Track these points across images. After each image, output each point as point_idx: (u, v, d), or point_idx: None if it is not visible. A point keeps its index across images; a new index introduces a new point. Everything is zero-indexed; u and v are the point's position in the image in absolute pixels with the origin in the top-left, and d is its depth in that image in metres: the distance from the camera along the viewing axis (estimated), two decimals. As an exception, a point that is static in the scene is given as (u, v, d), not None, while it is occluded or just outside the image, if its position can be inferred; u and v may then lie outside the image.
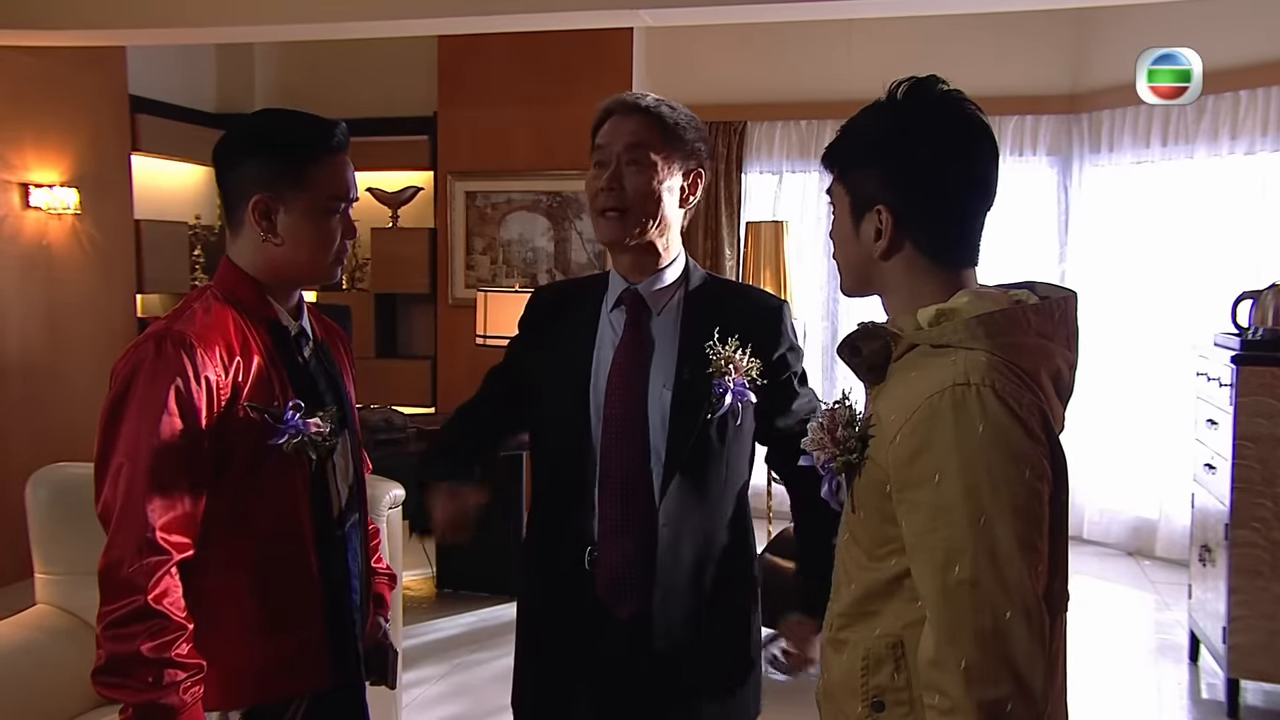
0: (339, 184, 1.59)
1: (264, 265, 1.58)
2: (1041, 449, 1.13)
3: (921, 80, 1.26)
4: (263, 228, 1.55)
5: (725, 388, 1.69)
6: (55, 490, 2.52)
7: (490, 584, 4.59)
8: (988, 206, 1.27)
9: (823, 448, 1.29)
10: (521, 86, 5.76)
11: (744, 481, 1.83)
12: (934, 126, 1.24)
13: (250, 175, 1.55)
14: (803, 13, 4.36)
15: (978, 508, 1.10)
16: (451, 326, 6.00)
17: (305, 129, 1.58)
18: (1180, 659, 3.99)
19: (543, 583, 1.83)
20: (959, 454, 1.11)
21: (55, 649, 2.40)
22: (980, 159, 1.25)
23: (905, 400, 1.18)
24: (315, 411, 1.58)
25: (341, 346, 1.79)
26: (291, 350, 1.62)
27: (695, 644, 1.75)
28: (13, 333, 4.76)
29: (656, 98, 1.78)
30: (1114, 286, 5.43)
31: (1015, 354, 1.17)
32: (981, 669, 1.08)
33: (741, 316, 1.75)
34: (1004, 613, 1.08)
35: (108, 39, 4.62)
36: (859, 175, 1.28)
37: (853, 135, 1.30)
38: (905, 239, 1.25)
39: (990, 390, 1.12)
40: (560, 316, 1.85)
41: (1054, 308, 1.23)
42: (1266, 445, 3.32)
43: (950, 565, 1.11)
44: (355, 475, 1.71)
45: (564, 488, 1.79)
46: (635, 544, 1.71)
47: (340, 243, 1.61)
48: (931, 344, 1.20)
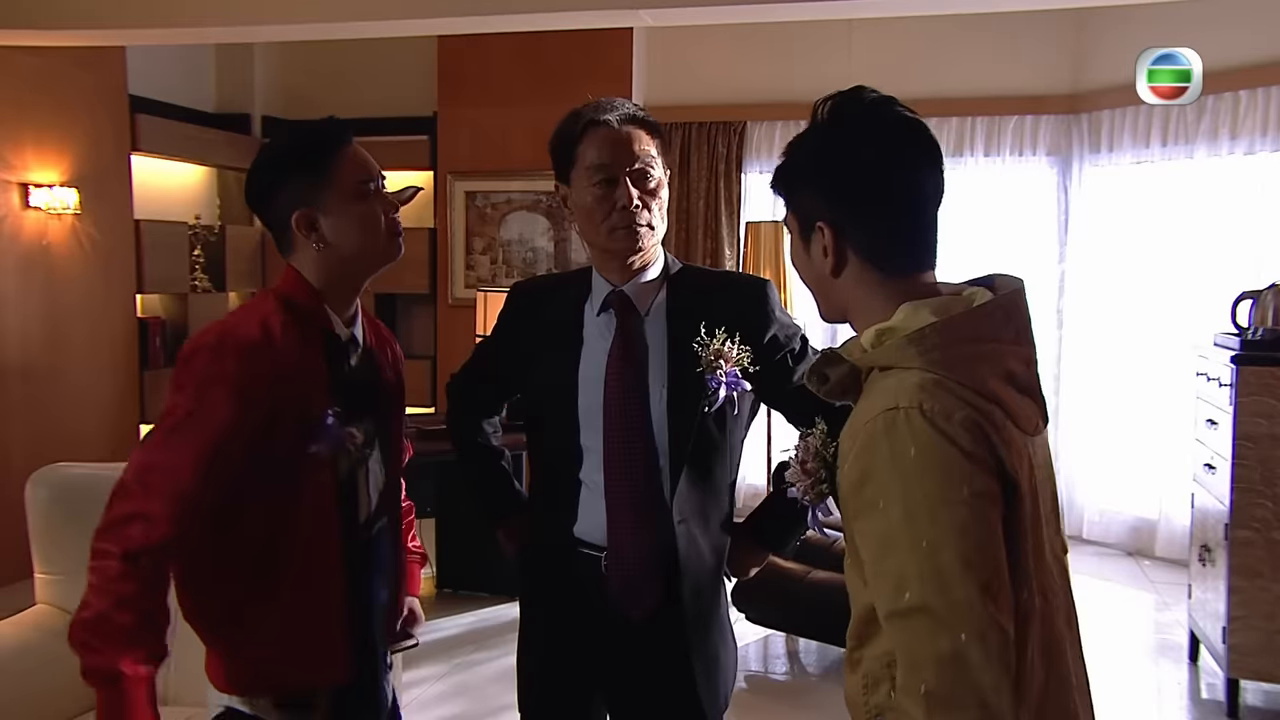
0: (361, 168, 1.66)
1: (326, 273, 1.66)
2: (981, 463, 1.10)
3: (846, 93, 1.26)
4: (313, 239, 1.63)
5: (719, 381, 1.70)
6: (55, 490, 2.53)
7: (490, 584, 4.59)
8: (933, 207, 1.25)
9: (798, 479, 1.30)
10: (521, 86, 5.76)
11: (739, 462, 1.88)
12: (859, 135, 1.23)
13: (283, 200, 1.64)
14: (803, 13, 4.36)
15: (918, 533, 1.08)
16: (451, 326, 6.01)
17: (311, 137, 1.66)
18: (1180, 659, 3.99)
19: (550, 586, 1.84)
20: (895, 480, 1.10)
21: (55, 649, 2.39)
22: (909, 160, 1.23)
23: (853, 427, 1.18)
24: (352, 419, 1.63)
25: (390, 350, 1.86)
26: (339, 358, 1.68)
27: (713, 626, 1.81)
28: (12, 333, 4.76)
29: (629, 102, 1.79)
30: (1114, 287, 5.44)
31: (951, 367, 1.14)
32: (942, 695, 1.05)
33: (726, 304, 1.77)
34: (958, 635, 1.05)
35: (107, 39, 4.62)
36: (799, 196, 1.28)
37: (790, 159, 1.30)
38: (848, 251, 1.23)
39: (917, 412, 1.10)
40: (542, 315, 1.86)
41: (1000, 306, 1.21)
42: (1266, 445, 3.32)
43: (900, 592, 1.09)
44: (388, 480, 1.77)
45: (561, 490, 1.80)
46: (649, 544, 1.73)
47: (387, 219, 1.67)
48: (878, 366, 1.19)
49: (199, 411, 1.52)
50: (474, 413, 2.07)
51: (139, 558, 1.46)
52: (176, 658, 2.44)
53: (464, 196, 6.05)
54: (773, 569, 3.78)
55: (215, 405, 1.51)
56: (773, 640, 4.13)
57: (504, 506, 2.03)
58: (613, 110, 1.74)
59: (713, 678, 1.81)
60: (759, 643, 4.11)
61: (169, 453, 1.51)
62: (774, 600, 3.78)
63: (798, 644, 4.08)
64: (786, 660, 4.02)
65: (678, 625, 1.75)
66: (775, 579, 3.69)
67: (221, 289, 6.04)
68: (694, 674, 1.77)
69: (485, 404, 2.09)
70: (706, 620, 1.80)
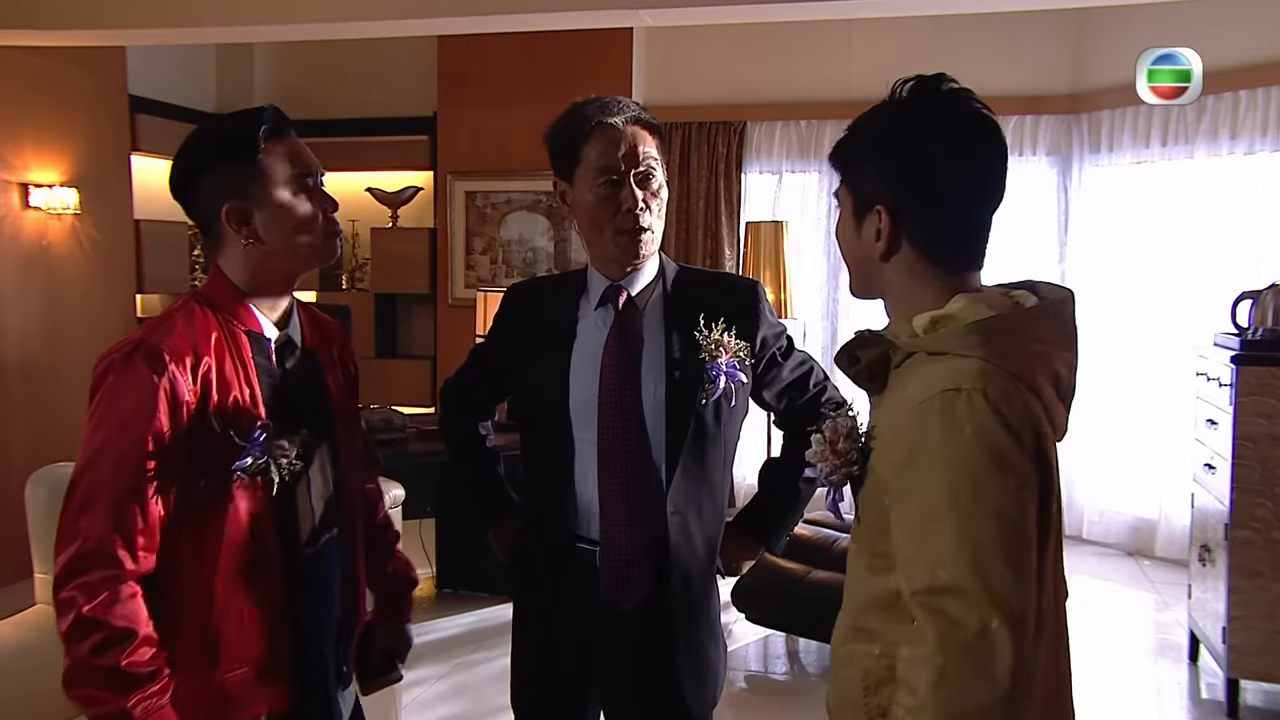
0: (298, 161, 1.56)
1: (255, 270, 1.55)
2: (1029, 461, 1.11)
3: (927, 78, 1.24)
4: (244, 234, 1.53)
5: (719, 370, 1.72)
6: (55, 490, 2.51)
7: (490, 584, 4.58)
8: (993, 208, 1.25)
9: (824, 460, 1.28)
10: (521, 86, 5.76)
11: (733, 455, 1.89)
12: (933, 124, 1.22)
13: (211, 190, 1.53)
14: (803, 13, 4.36)
15: (961, 514, 1.08)
16: (451, 326, 6.00)
17: (242, 126, 1.54)
18: (1180, 659, 3.99)
19: (543, 579, 1.84)
20: (944, 460, 1.10)
21: (55, 649, 2.39)
22: (980, 158, 1.22)
23: (900, 409, 1.18)
24: (287, 429, 1.52)
25: (336, 348, 1.74)
26: (270, 362, 1.57)
27: (700, 620, 1.81)
28: (12, 333, 4.76)
29: (632, 101, 1.79)
30: (1114, 286, 5.43)
31: (1012, 360, 1.15)
32: (957, 674, 1.06)
33: (720, 303, 1.78)
34: (990, 620, 1.06)
35: (107, 39, 4.62)
36: (860, 175, 1.26)
37: (856, 134, 1.28)
38: (903, 239, 1.23)
39: (981, 395, 1.11)
40: (536, 314, 1.87)
41: (1051, 310, 1.22)
42: (1266, 445, 3.32)
43: (936, 570, 1.09)
44: (336, 489, 1.65)
45: (554, 485, 1.81)
46: (642, 536, 1.74)
47: (324, 216, 1.57)
48: (928, 351, 1.19)
49: (116, 430, 1.42)
50: (468, 415, 2.08)
51: (96, 601, 1.38)
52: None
53: (464, 196, 6.05)
54: (773, 569, 3.78)
55: (132, 421, 1.41)
56: (773, 640, 4.12)
57: (496, 508, 2.04)
58: (619, 111, 1.74)
59: (700, 673, 1.81)
60: (759, 643, 4.10)
61: (94, 481, 1.41)
62: (774, 600, 3.78)
63: (798, 644, 4.08)
64: (786, 660, 4.02)
65: (669, 618, 1.77)
66: (775, 579, 3.69)
67: (221, 289, 6.02)
68: (680, 668, 1.78)
69: (479, 406, 2.10)
70: (695, 614, 1.80)
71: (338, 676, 1.69)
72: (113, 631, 1.39)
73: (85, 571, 1.39)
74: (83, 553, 1.39)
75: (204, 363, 1.47)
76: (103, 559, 1.39)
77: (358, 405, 1.82)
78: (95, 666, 1.39)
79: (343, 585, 1.68)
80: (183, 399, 1.44)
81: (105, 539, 1.39)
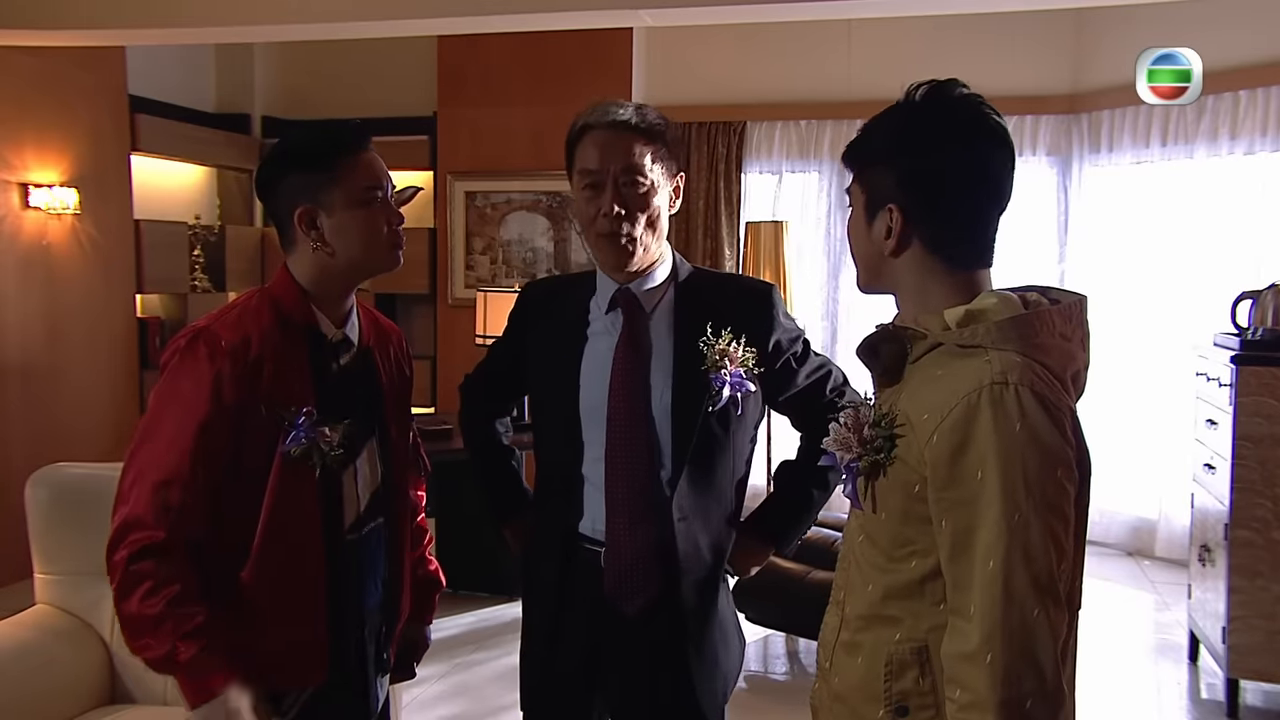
0: (370, 174, 1.65)
1: (319, 274, 1.66)
2: (1072, 450, 1.16)
3: (941, 82, 1.28)
4: (311, 237, 1.63)
5: (723, 381, 1.71)
6: (55, 490, 2.53)
7: (490, 584, 4.59)
8: (1000, 210, 1.28)
9: (847, 448, 1.29)
10: (521, 86, 5.76)
11: (746, 462, 1.88)
12: (946, 127, 1.25)
13: (289, 191, 1.64)
14: (803, 13, 4.36)
15: (1013, 506, 1.12)
16: (451, 326, 6.01)
17: (328, 134, 1.67)
18: (1180, 659, 3.99)
19: (551, 580, 1.84)
20: (997, 452, 1.13)
21: (55, 649, 2.40)
22: (991, 160, 1.26)
23: (938, 400, 1.19)
24: (333, 419, 1.62)
25: (394, 350, 1.85)
26: (325, 358, 1.68)
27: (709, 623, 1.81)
28: (12, 333, 4.76)
29: (636, 107, 1.76)
30: (1114, 287, 5.43)
31: (1044, 355, 1.19)
32: (1007, 665, 1.10)
33: (733, 307, 1.78)
34: (1032, 610, 1.10)
35: (107, 39, 4.62)
36: (873, 173, 1.30)
37: (870, 134, 1.32)
38: (914, 237, 1.26)
39: (1029, 390, 1.14)
40: (550, 314, 1.87)
41: (1072, 310, 1.25)
42: (1266, 445, 3.32)
43: (985, 562, 1.12)
44: (384, 482, 1.76)
45: (562, 485, 1.81)
46: (647, 539, 1.74)
47: (390, 229, 1.67)
48: (959, 344, 1.21)
49: (173, 410, 1.55)
50: (485, 412, 2.09)
51: (143, 560, 1.50)
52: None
53: (464, 196, 6.05)
54: (773, 569, 3.77)
55: (188, 403, 1.54)
56: (773, 640, 4.13)
57: (511, 506, 2.04)
58: (609, 114, 1.74)
59: (712, 677, 1.81)
60: (759, 643, 4.11)
61: (149, 454, 1.54)
62: (774, 600, 3.78)
63: (798, 644, 4.08)
64: (786, 660, 4.03)
65: (676, 622, 1.76)
66: (775, 579, 3.69)
67: (221, 289, 6.04)
68: (691, 672, 1.77)
69: (496, 403, 2.11)
70: (705, 618, 1.80)
71: (377, 663, 1.79)
72: (158, 581, 1.50)
73: (132, 532, 1.51)
74: (131, 518, 1.52)
75: (259, 352, 1.59)
76: (149, 524, 1.51)
77: (410, 407, 1.91)
78: (144, 615, 1.50)
79: (386, 575, 1.77)
80: (236, 384, 1.56)
81: (153, 507, 1.51)
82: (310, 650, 1.63)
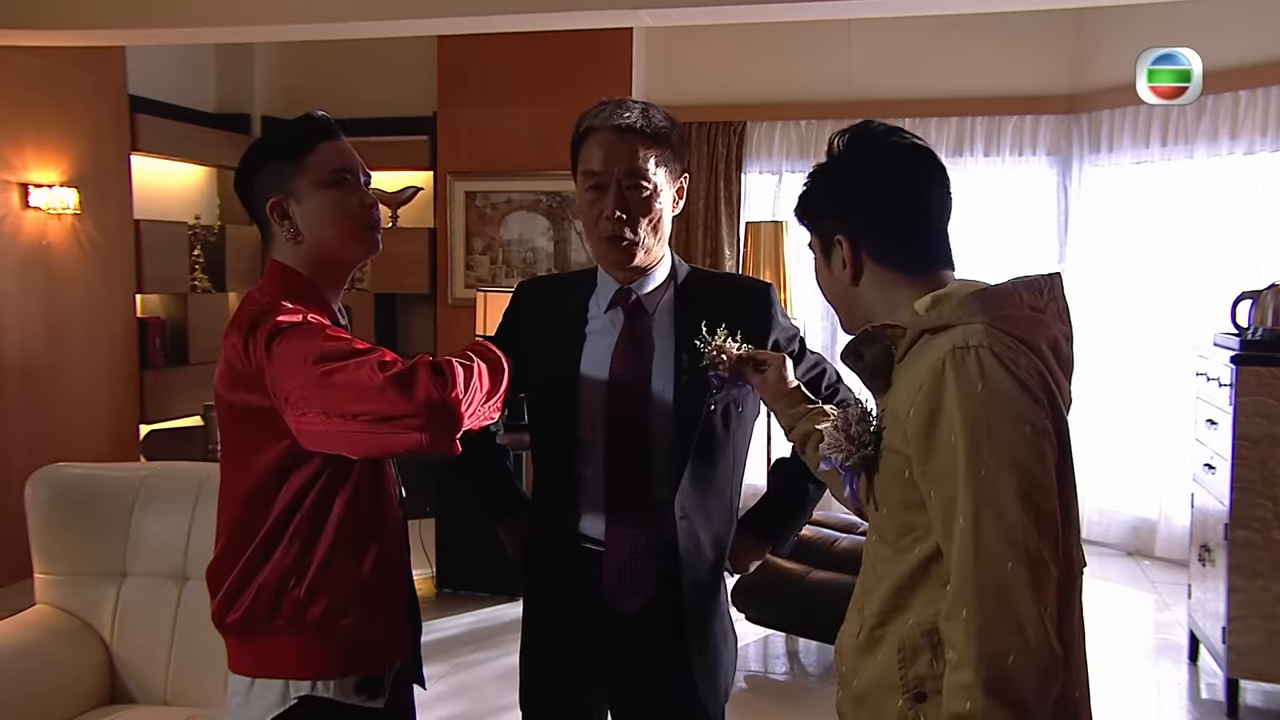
0: (337, 159, 1.65)
1: (302, 265, 1.65)
2: (1043, 410, 1.18)
3: (857, 125, 1.41)
4: (285, 227, 1.63)
5: (721, 378, 1.71)
6: (55, 490, 2.53)
7: (490, 584, 4.59)
8: (940, 217, 1.36)
9: (839, 449, 1.34)
10: (521, 86, 5.76)
11: (745, 461, 1.89)
12: (867, 159, 1.37)
13: (260, 184, 1.64)
14: (803, 13, 4.36)
15: (979, 463, 1.14)
16: (451, 326, 6.00)
17: (293, 126, 1.67)
18: (1180, 659, 3.99)
19: (551, 579, 1.84)
20: (961, 414, 1.16)
21: (55, 649, 2.40)
22: (912, 176, 1.35)
23: (913, 381, 1.23)
24: None
25: None
26: None
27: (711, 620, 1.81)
28: (12, 333, 4.76)
29: (640, 108, 1.75)
30: (1114, 287, 5.43)
31: (1012, 324, 1.23)
32: (984, 622, 1.11)
33: (732, 306, 1.78)
34: (1006, 564, 1.11)
35: (107, 39, 4.62)
36: (821, 220, 1.40)
37: (810, 188, 1.42)
38: (864, 257, 1.34)
39: (988, 351, 1.18)
40: (547, 312, 1.87)
41: (1036, 282, 1.29)
42: (1266, 445, 3.32)
43: (954, 520, 1.15)
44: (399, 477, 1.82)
45: (562, 485, 1.81)
46: (646, 538, 1.74)
47: (363, 211, 1.66)
48: (931, 329, 1.25)
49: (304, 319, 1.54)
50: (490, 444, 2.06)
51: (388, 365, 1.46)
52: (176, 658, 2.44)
53: (464, 196, 6.05)
54: (773, 569, 3.78)
55: None
56: (773, 640, 4.13)
57: (505, 505, 2.04)
58: (615, 115, 1.72)
59: (713, 674, 1.81)
60: (759, 643, 4.11)
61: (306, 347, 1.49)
62: (774, 600, 3.79)
63: (798, 644, 4.08)
64: (786, 660, 4.02)
65: (677, 620, 1.77)
66: (775, 579, 3.70)
67: (221, 289, 6.04)
68: (693, 670, 1.77)
69: None
70: (706, 616, 1.81)
71: None
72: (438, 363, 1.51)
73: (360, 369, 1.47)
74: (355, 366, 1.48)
75: None
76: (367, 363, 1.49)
77: None
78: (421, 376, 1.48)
79: None
80: None
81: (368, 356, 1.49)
82: (400, 627, 1.70)
